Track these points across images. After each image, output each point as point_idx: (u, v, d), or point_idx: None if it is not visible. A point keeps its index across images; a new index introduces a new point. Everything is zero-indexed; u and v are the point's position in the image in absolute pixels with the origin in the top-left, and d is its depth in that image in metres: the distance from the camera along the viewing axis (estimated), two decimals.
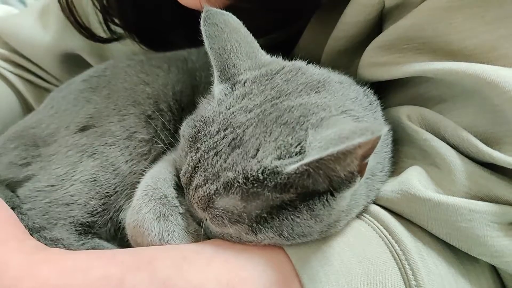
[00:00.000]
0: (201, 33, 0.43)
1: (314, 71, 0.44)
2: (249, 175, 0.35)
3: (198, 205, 0.38)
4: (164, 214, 0.40)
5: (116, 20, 0.67)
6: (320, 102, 0.38)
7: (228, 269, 0.36)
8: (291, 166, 0.33)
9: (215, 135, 0.38)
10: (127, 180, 0.48)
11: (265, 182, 0.34)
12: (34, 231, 0.45)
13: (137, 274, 0.35)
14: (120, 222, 0.48)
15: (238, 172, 0.35)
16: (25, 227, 0.44)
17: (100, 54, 0.74)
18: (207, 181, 0.37)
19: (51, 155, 0.49)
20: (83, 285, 0.34)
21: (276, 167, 0.34)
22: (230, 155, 0.36)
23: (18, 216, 0.45)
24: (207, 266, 0.36)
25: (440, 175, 0.40)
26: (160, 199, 0.41)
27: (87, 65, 0.72)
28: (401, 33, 0.45)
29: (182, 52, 0.60)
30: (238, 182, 0.35)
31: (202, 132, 0.39)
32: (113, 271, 0.35)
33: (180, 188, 0.43)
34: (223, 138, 0.37)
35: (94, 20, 0.70)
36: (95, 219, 0.47)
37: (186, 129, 0.41)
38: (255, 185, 0.35)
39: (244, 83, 0.41)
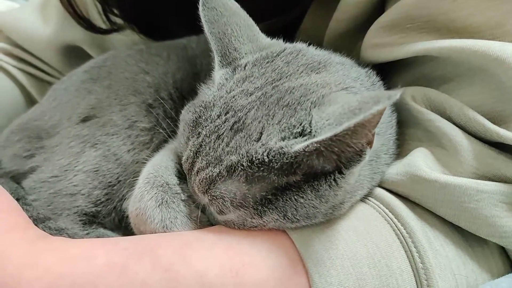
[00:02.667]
0: (200, 19, 0.42)
1: (315, 53, 0.43)
2: (254, 158, 0.34)
3: (199, 188, 0.38)
4: (166, 201, 0.40)
5: (115, 11, 0.66)
6: (320, 81, 0.38)
7: (231, 254, 0.36)
8: (299, 145, 0.33)
9: (216, 119, 0.38)
10: (129, 169, 0.48)
11: (271, 164, 0.34)
12: (39, 221, 0.45)
13: (140, 261, 0.35)
14: (123, 211, 0.48)
15: (242, 155, 0.35)
16: (30, 217, 0.44)
17: (101, 45, 0.74)
18: (209, 164, 0.37)
19: (54, 146, 0.50)
20: (86, 272, 0.34)
21: (282, 148, 0.34)
22: (232, 138, 0.36)
23: (23, 207, 0.45)
24: (210, 252, 0.36)
25: (446, 156, 0.39)
26: (161, 186, 0.41)
27: (89, 57, 0.72)
28: (404, 12, 0.44)
29: (182, 40, 0.60)
30: (242, 166, 0.35)
31: (203, 117, 0.39)
32: (116, 258, 0.35)
33: (182, 176, 0.43)
34: (225, 122, 0.37)
35: (93, 11, 0.69)
36: (99, 208, 0.47)
37: (186, 114, 0.41)
38: (261, 168, 0.34)
39: (245, 67, 0.41)
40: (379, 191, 0.41)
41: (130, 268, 0.35)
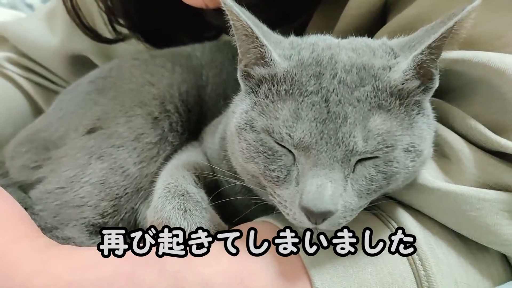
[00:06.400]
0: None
1: None
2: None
3: None
4: (190, 209, 0.41)
5: (121, 21, 0.67)
6: None
7: (237, 261, 0.37)
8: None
9: None
10: (136, 181, 0.49)
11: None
12: (46, 230, 0.46)
13: (146, 269, 0.36)
14: (130, 223, 0.48)
15: None
16: (38, 227, 0.45)
17: (107, 54, 0.75)
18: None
19: (61, 157, 0.50)
20: (94, 280, 0.35)
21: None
22: None
23: (30, 216, 0.45)
24: (216, 259, 0.37)
25: (448, 164, 0.40)
26: (182, 195, 0.42)
27: (94, 66, 0.72)
28: (405, 23, 0.44)
29: (186, 48, 0.61)
30: None
31: None
32: (123, 266, 0.36)
33: (198, 185, 0.44)
34: None
35: (99, 21, 0.70)
36: (106, 220, 0.48)
37: None
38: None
39: None
40: (382, 200, 0.41)
41: (137, 275, 0.35)
